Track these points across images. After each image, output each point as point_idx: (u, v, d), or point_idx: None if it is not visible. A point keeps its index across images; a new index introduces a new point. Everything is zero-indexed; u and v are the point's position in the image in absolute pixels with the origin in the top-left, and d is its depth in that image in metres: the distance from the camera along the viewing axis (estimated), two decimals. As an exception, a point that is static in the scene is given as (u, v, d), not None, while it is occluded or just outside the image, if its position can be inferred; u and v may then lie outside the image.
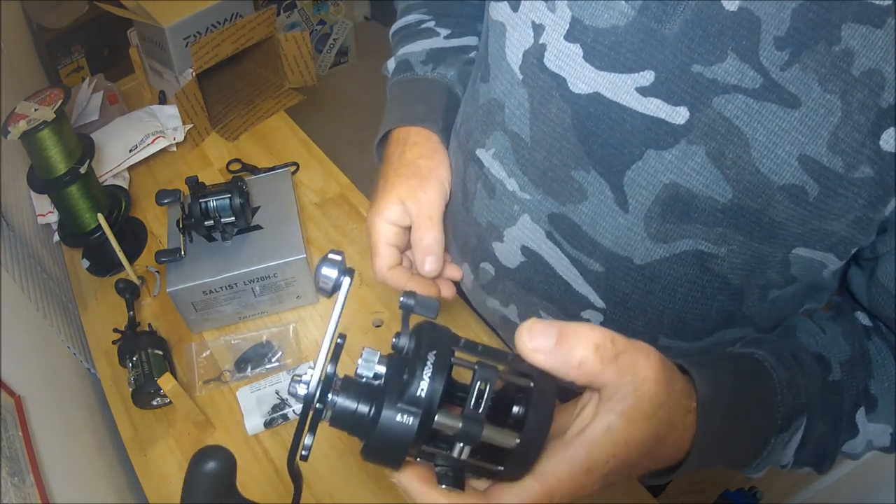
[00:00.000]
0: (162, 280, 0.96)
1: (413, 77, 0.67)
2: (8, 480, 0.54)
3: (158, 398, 0.81)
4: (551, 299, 0.56)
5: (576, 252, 0.52)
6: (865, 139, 0.39)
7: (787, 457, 0.49)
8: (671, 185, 0.45)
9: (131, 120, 1.13)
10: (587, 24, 0.45)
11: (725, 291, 0.49)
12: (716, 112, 0.42)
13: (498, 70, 0.52)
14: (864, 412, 0.49)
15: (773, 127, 0.41)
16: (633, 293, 0.51)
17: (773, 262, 0.47)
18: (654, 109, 0.44)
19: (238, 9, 1.16)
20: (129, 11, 1.10)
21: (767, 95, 0.40)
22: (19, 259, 0.85)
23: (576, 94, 0.47)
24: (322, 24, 2.61)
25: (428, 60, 0.67)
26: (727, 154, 0.42)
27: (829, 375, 0.48)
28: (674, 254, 0.48)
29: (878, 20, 0.37)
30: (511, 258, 0.57)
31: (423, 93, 0.66)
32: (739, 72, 0.40)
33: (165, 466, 0.79)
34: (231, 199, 0.84)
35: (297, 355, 0.87)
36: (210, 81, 1.26)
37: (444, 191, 0.60)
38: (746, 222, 0.44)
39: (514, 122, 0.52)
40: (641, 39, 0.43)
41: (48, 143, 0.82)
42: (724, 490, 1.52)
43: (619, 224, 0.48)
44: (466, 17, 0.71)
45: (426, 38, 0.69)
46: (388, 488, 0.75)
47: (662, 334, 0.53)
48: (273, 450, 0.79)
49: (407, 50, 0.69)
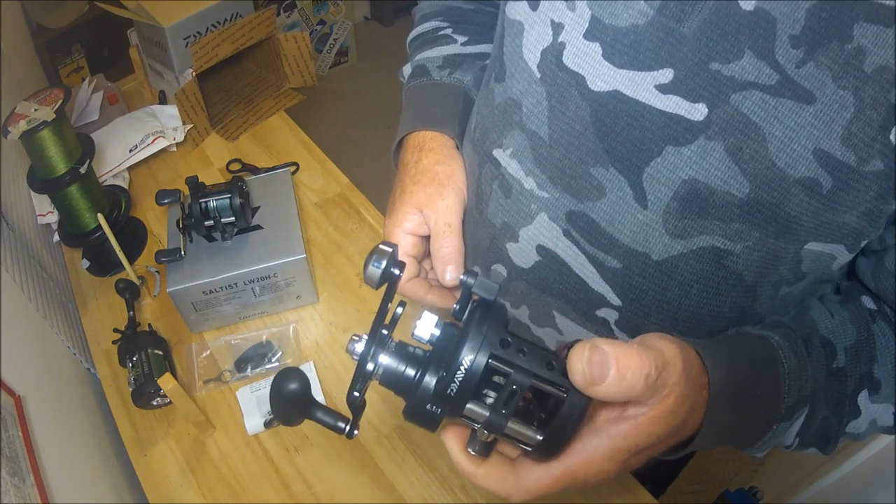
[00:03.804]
0: (162, 280, 0.96)
1: (429, 82, 0.67)
2: (8, 480, 0.54)
3: (158, 398, 0.81)
4: (566, 299, 0.56)
5: (593, 249, 0.52)
6: (877, 133, 0.40)
7: (788, 439, 0.50)
8: (690, 180, 0.46)
9: (131, 120, 1.13)
10: (607, 23, 0.46)
11: (739, 288, 0.50)
12: (734, 108, 0.43)
13: (514, 69, 0.53)
14: (867, 394, 0.50)
15: (790, 122, 0.42)
16: (649, 290, 0.52)
17: (785, 258, 0.48)
18: (673, 106, 0.44)
19: (238, 9, 1.16)
20: (129, 11, 1.10)
21: (783, 92, 0.41)
22: (19, 259, 0.85)
23: (595, 92, 0.47)
24: (322, 24, 2.61)
25: (445, 65, 0.67)
26: (745, 149, 0.43)
27: (834, 362, 0.49)
28: (691, 250, 0.48)
29: (888, 20, 0.38)
30: (525, 258, 0.57)
31: (439, 97, 0.66)
32: (756, 69, 0.41)
33: (165, 466, 0.79)
34: (231, 199, 0.84)
35: (297, 355, 0.87)
36: (210, 81, 1.26)
37: (462, 197, 0.59)
38: (762, 217, 0.45)
39: (532, 120, 0.52)
40: (661, 38, 0.44)
41: (48, 143, 0.82)
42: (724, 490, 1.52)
43: (637, 220, 0.49)
44: (483, 26, 0.70)
45: (443, 45, 0.69)
46: (388, 488, 0.75)
47: (676, 331, 0.53)
48: (273, 450, 0.79)
49: (424, 55, 0.69)
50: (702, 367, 0.42)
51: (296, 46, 1.21)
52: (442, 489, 0.75)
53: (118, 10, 1.11)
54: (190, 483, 0.78)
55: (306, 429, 0.80)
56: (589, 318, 0.56)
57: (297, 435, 0.80)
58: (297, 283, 0.88)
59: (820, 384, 0.48)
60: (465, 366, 0.34)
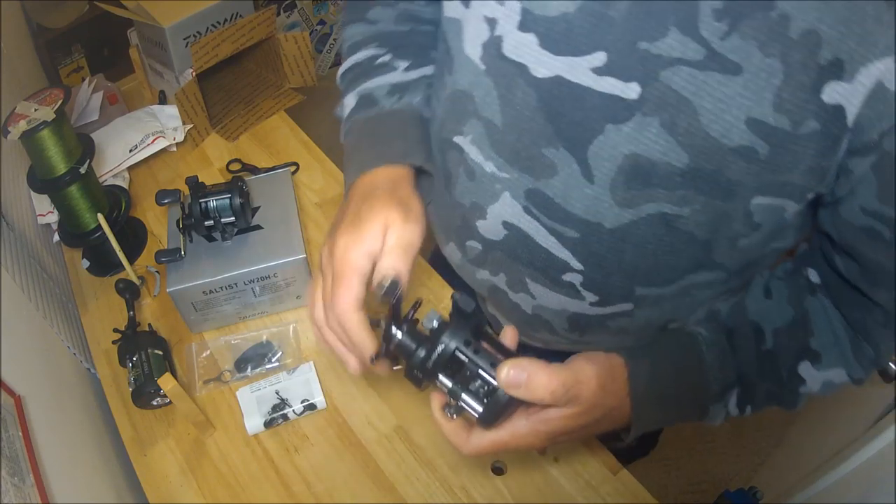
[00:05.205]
0: (162, 280, 0.96)
1: (380, 112, 0.63)
2: (8, 480, 0.54)
3: (158, 398, 0.81)
4: (535, 267, 0.60)
5: (551, 223, 0.56)
6: (809, 96, 0.42)
7: (732, 411, 0.57)
8: (631, 155, 0.49)
9: (131, 120, 1.13)
10: (538, 13, 0.48)
11: (693, 245, 0.53)
12: (664, 85, 0.45)
13: (461, 63, 0.55)
14: (809, 365, 0.55)
15: (719, 94, 0.44)
16: (607, 254, 0.55)
17: (736, 216, 0.50)
18: (609, 87, 0.47)
19: (238, 9, 1.16)
20: (129, 11, 1.10)
21: (710, 65, 0.43)
22: (19, 259, 0.85)
23: (539, 79, 0.50)
24: (322, 24, 2.61)
25: (392, 92, 0.65)
26: (679, 123, 0.46)
27: (763, 345, 0.56)
28: (640, 217, 0.52)
29: None
30: (494, 233, 0.60)
31: (396, 126, 0.63)
32: (682, 45, 0.43)
33: (165, 466, 0.79)
34: (231, 199, 0.84)
35: (297, 355, 0.87)
36: (210, 81, 1.26)
37: (422, 232, 0.55)
38: (704, 183, 0.48)
39: (485, 109, 0.55)
40: (592, 23, 0.46)
41: (48, 143, 0.82)
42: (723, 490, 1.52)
43: (586, 195, 0.52)
44: (421, 47, 0.68)
45: (385, 74, 0.65)
46: (388, 488, 0.75)
47: (637, 285, 0.58)
48: (273, 450, 0.80)
49: (366, 87, 0.65)
50: (625, 379, 0.52)
51: (296, 46, 1.21)
52: (442, 489, 0.75)
53: (118, 10, 1.11)
54: (190, 483, 0.78)
55: (306, 429, 0.80)
56: (557, 283, 0.60)
57: (298, 435, 0.80)
58: (297, 283, 0.88)
59: (752, 366, 0.55)
60: (439, 350, 0.49)
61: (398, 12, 0.69)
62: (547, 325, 0.67)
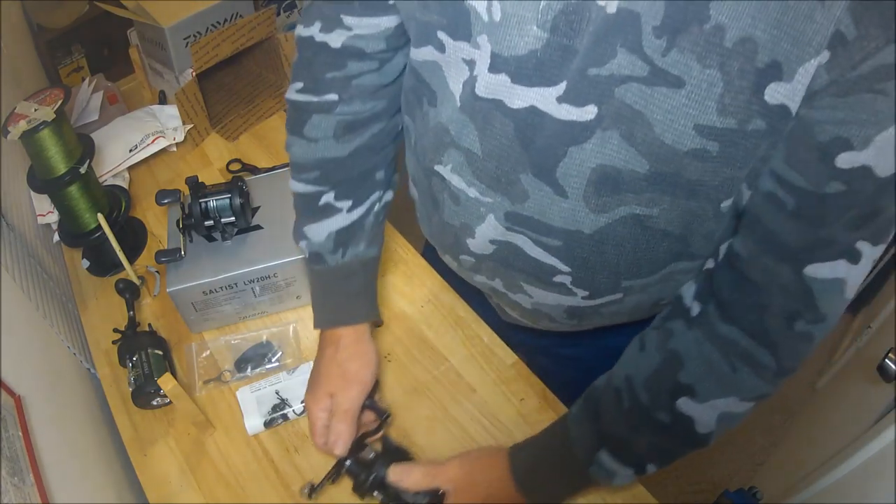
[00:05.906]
0: (162, 280, 0.96)
1: (327, 269, 0.73)
2: (8, 480, 0.54)
3: (158, 398, 0.81)
4: (527, 272, 0.64)
5: (536, 235, 0.60)
6: (751, 98, 0.44)
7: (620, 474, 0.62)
8: (598, 167, 0.52)
9: (131, 120, 1.13)
10: (507, 55, 0.51)
11: (669, 239, 0.57)
12: (619, 101, 0.48)
13: (444, 97, 0.59)
14: (687, 399, 0.57)
15: (667, 106, 0.47)
16: (590, 256, 0.59)
17: (706, 216, 0.54)
18: (566, 114, 0.50)
19: (238, 9, 1.16)
20: (129, 11, 1.11)
21: (655, 80, 0.46)
22: (19, 259, 0.85)
23: (514, 110, 0.53)
24: (322, 24, 2.60)
25: (336, 247, 0.72)
26: (636, 134, 0.49)
27: (629, 401, 0.60)
28: (615, 219, 0.55)
29: None
30: (484, 248, 0.65)
31: (344, 283, 0.74)
32: (630, 63, 0.46)
33: (165, 466, 0.79)
34: (231, 199, 0.84)
35: (297, 355, 0.87)
36: (210, 81, 1.26)
37: (365, 390, 0.73)
38: (667, 185, 0.51)
39: (463, 140, 0.58)
40: (559, 56, 0.49)
41: (48, 143, 0.82)
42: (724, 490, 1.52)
43: (563, 208, 0.56)
44: (362, 179, 0.72)
45: (328, 217, 0.71)
46: (388, 488, 0.75)
47: (623, 279, 0.62)
48: (273, 450, 0.80)
49: (313, 234, 0.72)
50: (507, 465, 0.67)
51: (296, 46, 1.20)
52: (442, 489, 0.75)
53: (118, 10, 1.11)
54: (190, 483, 0.78)
55: (306, 429, 0.80)
56: (549, 284, 0.64)
57: (298, 435, 0.81)
58: (297, 283, 0.88)
59: (619, 425, 0.61)
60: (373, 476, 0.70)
61: (335, 123, 0.69)
62: (547, 315, 0.72)
